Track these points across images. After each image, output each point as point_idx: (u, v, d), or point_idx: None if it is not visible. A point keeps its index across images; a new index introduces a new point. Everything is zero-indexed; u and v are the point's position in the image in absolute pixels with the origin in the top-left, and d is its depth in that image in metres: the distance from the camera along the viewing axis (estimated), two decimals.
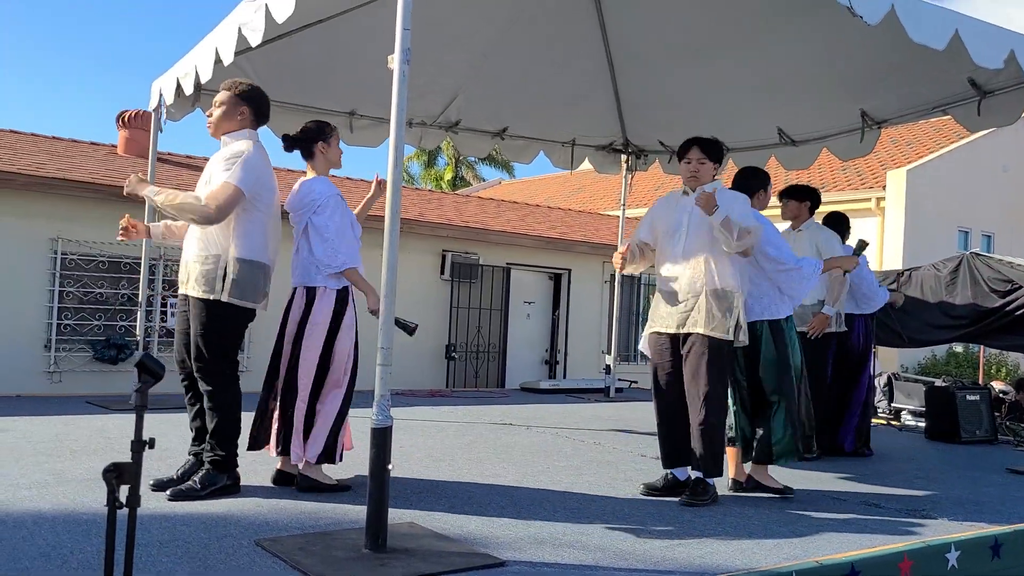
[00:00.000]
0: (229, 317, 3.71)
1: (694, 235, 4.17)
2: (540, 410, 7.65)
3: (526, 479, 4.45)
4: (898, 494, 4.55)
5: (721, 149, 4.42)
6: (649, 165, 8.56)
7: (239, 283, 3.67)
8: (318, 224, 3.86)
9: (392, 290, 3.06)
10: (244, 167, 3.65)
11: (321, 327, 3.89)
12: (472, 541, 3.22)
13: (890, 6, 3.98)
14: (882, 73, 5.90)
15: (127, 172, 9.67)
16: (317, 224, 3.86)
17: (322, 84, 6.68)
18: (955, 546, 3.36)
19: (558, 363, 12.79)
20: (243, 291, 3.68)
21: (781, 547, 3.36)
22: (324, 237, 3.85)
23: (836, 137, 6.81)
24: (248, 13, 4.33)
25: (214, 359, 3.71)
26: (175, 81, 5.63)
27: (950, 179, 15.97)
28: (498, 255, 12.09)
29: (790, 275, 4.34)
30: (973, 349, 14.11)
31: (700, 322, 4.08)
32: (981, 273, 7.72)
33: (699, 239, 4.16)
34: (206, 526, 3.21)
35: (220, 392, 3.72)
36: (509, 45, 6.66)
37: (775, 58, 6.24)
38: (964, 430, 6.63)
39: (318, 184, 3.95)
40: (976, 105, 5.66)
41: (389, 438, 3.05)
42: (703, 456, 4.06)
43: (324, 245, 3.85)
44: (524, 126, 7.88)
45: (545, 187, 25.38)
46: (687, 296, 4.15)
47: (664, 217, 4.33)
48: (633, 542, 3.33)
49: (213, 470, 3.69)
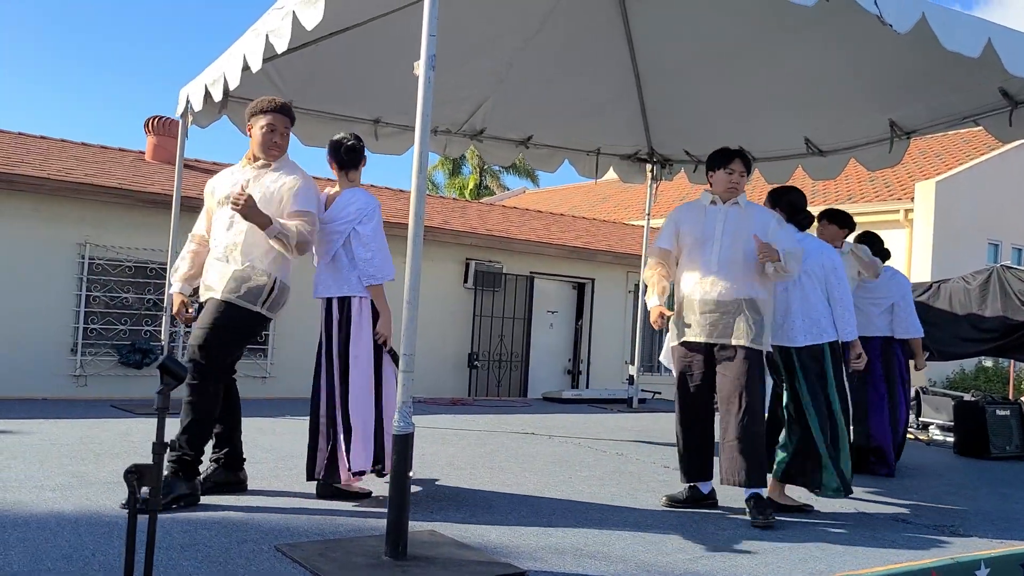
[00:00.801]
0: (254, 327, 3.86)
1: (729, 244, 4.14)
2: (562, 420, 7.61)
3: (547, 489, 4.42)
4: (927, 510, 4.46)
5: (751, 165, 4.48)
6: (675, 175, 8.51)
7: (277, 301, 3.88)
8: (364, 234, 3.86)
9: (415, 297, 3.05)
10: (314, 194, 3.90)
11: (368, 338, 3.89)
12: (493, 550, 3.19)
13: (921, 14, 3.93)
14: (911, 82, 5.83)
15: (155, 178, 9.80)
16: (363, 234, 3.86)
17: (347, 92, 6.72)
18: (985, 563, 3.28)
19: (581, 373, 12.74)
20: (273, 307, 3.88)
21: (807, 562, 3.30)
22: (370, 247, 3.85)
23: (864, 147, 6.73)
24: (275, 20, 4.36)
25: (218, 359, 3.72)
26: (203, 88, 5.68)
27: (980, 191, 15.75)
28: (522, 264, 12.08)
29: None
30: (1003, 363, 13.87)
31: (740, 333, 4.04)
32: (1011, 286, 7.59)
33: (735, 248, 4.13)
34: (227, 530, 3.21)
35: (204, 391, 3.68)
36: (534, 53, 6.66)
37: (802, 67, 6.19)
38: (994, 445, 6.51)
39: (362, 194, 3.97)
40: (1008, 115, 5.57)
41: (411, 445, 3.04)
42: (748, 468, 3.95)
43: (371, 255, 3.86)
44: (549, 135, 7.87)
45: (569, 197, 25.35)
46: (723, 306, 4.09)
47: (692, 225, 4.26)
48: (656, 554, 3.29)
49: (173, 476, 3.55)
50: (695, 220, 4.27)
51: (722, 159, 4.27)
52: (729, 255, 4.13)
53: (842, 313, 4.31)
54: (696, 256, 4.21)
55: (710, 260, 4.16)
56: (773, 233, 4.13)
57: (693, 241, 4.24)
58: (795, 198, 4.53)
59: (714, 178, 4.29)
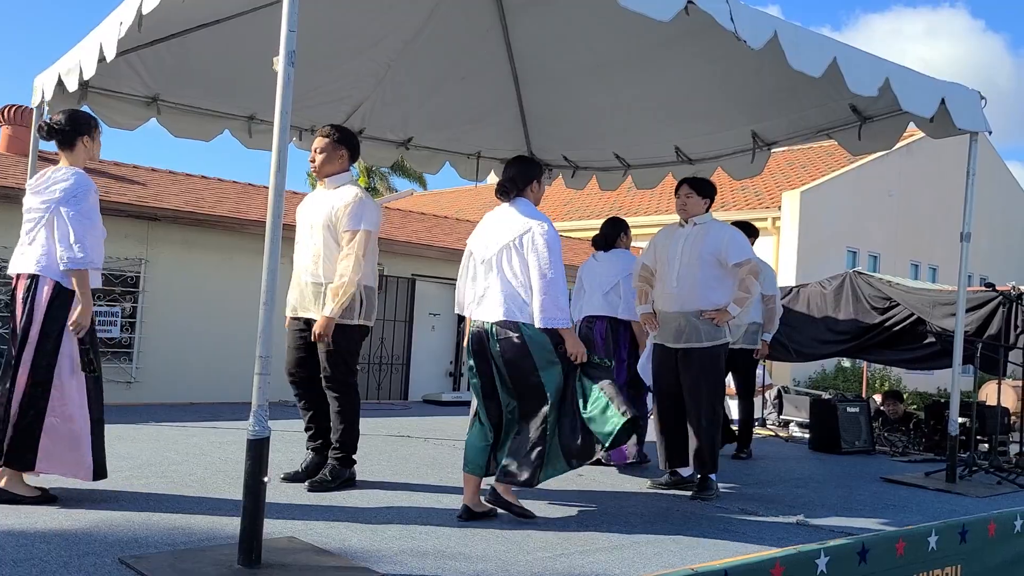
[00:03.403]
0: (359, 337, 4.39)
1: (686, 263, 4.75)
2: (440, 422, 7.60)
3: (416, 491, 4.41)
4: (777, 502, 4.70)
5: (710, 186, 4.97)
6: (553, 179, 8.64)
7: (367, 307, 4.34)
8: (69, 214, 3.60)
9: (272, 298, 2.98)
10: (371, 209, 4.36)
11: (40, 324, 3.62)
12: (352, 555, 3.15)
13: (773, 32, 4.15)
14: (773, 96, 6.13)
15: (8, 171, 9.19)
16: (67, 214, 3.60)
17: (221, 87, 6.49)
18: (824, 552, 3.48)
19: (462, 375, 12.76)
20: (368, 313, 4.36)
21: (661, 556, 3.42)
22: (75, 231, 3.59)
23: (730, 157, 7.03)
24: (129, 7, 4.17)
25: (343, 374, 4.33)
26: (56, 77, 5.37)
27: (840, 201, 16.75)
28: (403, 266, 12.01)
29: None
30: (859, 363, 14.78)
31: (694, 338, 4.67)
32: (862, 291, 8.10)
33: (690, 267, 4.73)
34: (68, 543, 3.04)
35: (345, 400, 4.33)
36: (414, 57, 6.63)
37: (673, 78, 6.40)
38: (844, 441, 6.92)
39: (76, 174, 3.70)
40: (857, 130, 5.95)
41: (266, 450, 2.96)
42: (703, 455, 4.60)
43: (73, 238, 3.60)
44: (430, 137, 7.85)
45: (457, 199, 25.39)
46: (682, 317, 4.71)
47: (663, 246, 4.93)
48: (517, 552, 3.33)
49: (339, 466, 4.31)
50: (666, 241, 4.93)
51: (677, 187, 4.98)
52: (686, 272, 4.74)
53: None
54: (663, 273, 4.89)
55: (671, 277, 4.81)
56: (725, 250, 4.69)
57: (663, 260, 4.90)
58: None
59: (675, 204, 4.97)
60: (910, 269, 17.98)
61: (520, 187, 4.08)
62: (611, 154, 7.69)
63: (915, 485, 5.47)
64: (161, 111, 6.36)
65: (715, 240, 4.73)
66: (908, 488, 5.39)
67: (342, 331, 4.25)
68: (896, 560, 3.80)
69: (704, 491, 4.63)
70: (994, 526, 4.38)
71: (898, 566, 3.81)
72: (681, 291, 4.74)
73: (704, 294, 4.68)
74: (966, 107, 5.28)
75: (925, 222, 18.14)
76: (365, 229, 4.26)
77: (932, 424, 7.63)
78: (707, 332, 4.68)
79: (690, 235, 4.79)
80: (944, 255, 17.72)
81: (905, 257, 18.03)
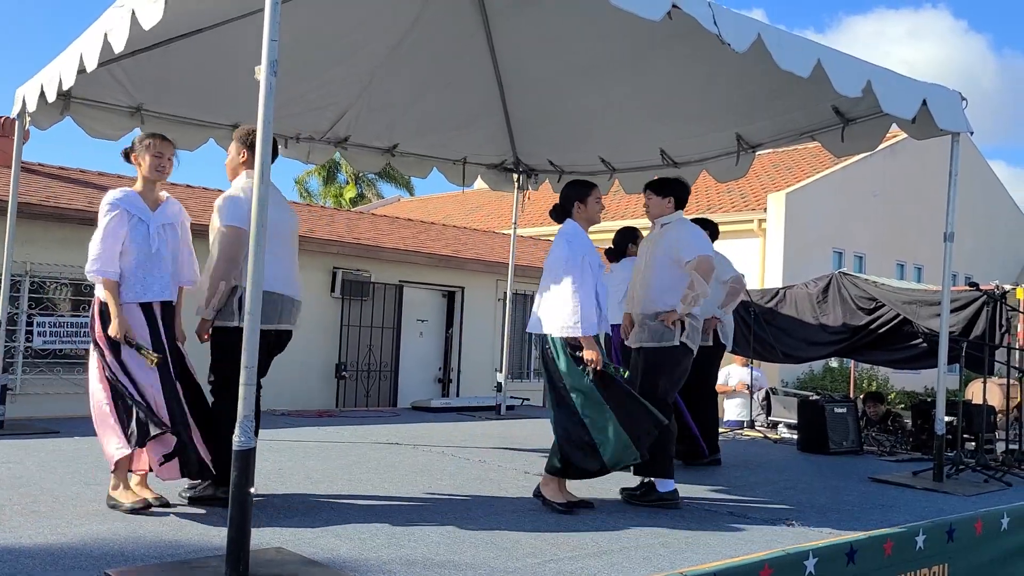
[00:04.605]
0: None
1: (648, 265, 4.83)
2: (429, 429, 7.58)
3: (405, 500, 4.40)
4: (766, 504, 4.71)
5: (670, 184, 4.97)
6: (539, 184, 8.66)
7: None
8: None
9: (257, 308, 2.97)
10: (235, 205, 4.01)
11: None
12: (341, 565, 3.14)
13: (757, 35, 4.17)
14: (758, 99, 6.16)
15: None
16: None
17: (206, 97, 6.48)
18: (813, 553, 3.50)
19: (451, 381, 12.75)
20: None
21: (651, 560, 3.42)
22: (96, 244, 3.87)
23: (715, 160, 7.06)
24: (115, 19, 4.15)
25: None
26: (39, 87, 5.34)
27: (826, 202, 16.83)
28: (391, 273, 11.99)
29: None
30: (847, 364, 14.85)
31: (645, 338, 4.71)
32: (849, 292, 8.14)
33: (651, 269, 4.80)
34: (54, 558, 3.02)
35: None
36: (398, 63, 6.64)
37: (658, 82, 6.43)
38: (832, 441, 6.93)
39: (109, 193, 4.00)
40: (840, 132, 5.99)
41: (252, 460, 2.94)
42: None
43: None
44: (415, 143, 7.85)
45: (444, 205, 25.37)
46: (639, 317, 4.79)
47: (641, 250, 5.09)
48: (506, 559, 3.33)
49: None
50: (644, 244, 5.10)
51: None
52: (648, 274, 4.81)
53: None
54: (636, 276, 4.98)
55: (636, 280, 4.93)
56: (677, 250, 4.68)
57: (638, 264, 5.04)
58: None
59: None
60: (896, 269, 18.09)
61: (567, 209, 4.45)
62: (596, 158, 7.71)
63: (903, 484, 5.49)
64: (145, 121, 6.35)
65: (669, 240, 4.76)
66: (896, 488, 5.42)
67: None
68: (884, 560, 3.82)
69: (644, 497, 4.48)
70: (981, 524, 4.41)
71: (886, 566, 3.83)
72: (640, 293, 4.82)
73: (659, 296, 4.69)
74: (947, 108, 5.32)
75: (910, 222, 18.25)
76: (233, 225, 3.95)
77: (919, 423, 7.67)
78: (654, 333, 4.67)
79: (655, 237, 4.90)
80: (929, 255, 17.83)
81: (891, 257, 18.14)
